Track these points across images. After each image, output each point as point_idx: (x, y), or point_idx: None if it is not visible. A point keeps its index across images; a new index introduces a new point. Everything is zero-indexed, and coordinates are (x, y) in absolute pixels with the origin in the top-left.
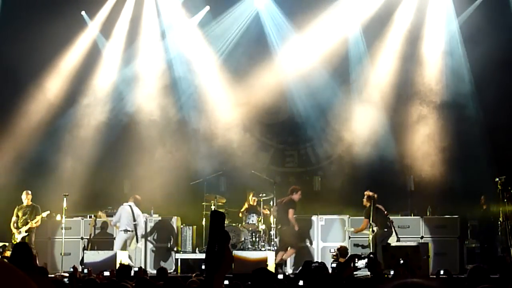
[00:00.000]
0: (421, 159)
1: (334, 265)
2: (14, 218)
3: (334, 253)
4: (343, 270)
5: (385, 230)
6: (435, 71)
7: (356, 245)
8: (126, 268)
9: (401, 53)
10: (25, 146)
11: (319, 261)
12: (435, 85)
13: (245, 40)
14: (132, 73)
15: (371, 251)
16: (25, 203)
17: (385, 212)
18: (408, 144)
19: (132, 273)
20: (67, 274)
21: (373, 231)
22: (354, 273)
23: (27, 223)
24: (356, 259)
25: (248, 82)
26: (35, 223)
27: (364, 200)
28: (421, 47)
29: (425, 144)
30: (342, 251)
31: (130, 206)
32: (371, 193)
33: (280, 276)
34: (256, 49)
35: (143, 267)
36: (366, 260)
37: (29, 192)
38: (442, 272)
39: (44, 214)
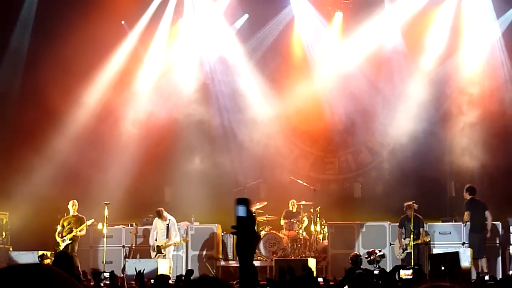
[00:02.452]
0: (462, 165)
1: (376, 272)
2: (59, 228)
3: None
4: (389, 280)
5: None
6: (474, 75)
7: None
8: (163, 278)
9: (440, 58)
10: (66, 155)
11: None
12: (476, 89)
13: (284, 47)
14: (172, 80)
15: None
16: (71, 213)
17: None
18: (449, 150)
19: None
20: (107, 275)
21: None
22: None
23: (71, 231)
24: (401, 270)
25: (288, 89)
26: (80, 231)
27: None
28: (460, 52)
29: (466, 150)
30: (352, 258)
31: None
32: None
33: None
34: (295, 55)
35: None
36: (411, 271)
37: (76, 202)
38: (487, 278)
39: (89, 222)
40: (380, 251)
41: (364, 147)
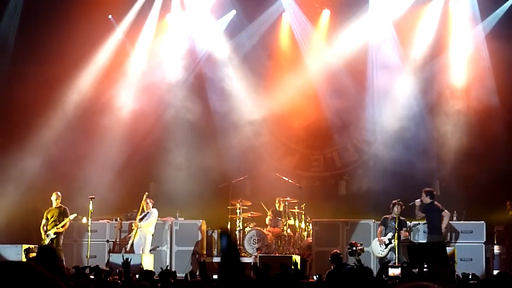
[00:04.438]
0: (447, 164)
1: (350, 266)
2: (43, 221)
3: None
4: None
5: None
6: (462, 73)
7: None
8: (148, 273)
9: (428, 56)
10: (51, 148)
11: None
12: (463, 88)
13: (272, 44)
14: (158, 76)
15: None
16: (54, 205)
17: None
18: (435, 149)
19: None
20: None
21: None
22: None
23: (56, 225)
24: (389, 269)
25: (275, 85)
26: (62, 227)
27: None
28: (446, 52)
29: (451, 150)
30: (333, 256)
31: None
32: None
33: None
34: (283, 52)
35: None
36: (399, 270)
37: (59, 193)
38: (470, 276)
39: (72, 217)
40: (361, 244)
41: (350, 145)
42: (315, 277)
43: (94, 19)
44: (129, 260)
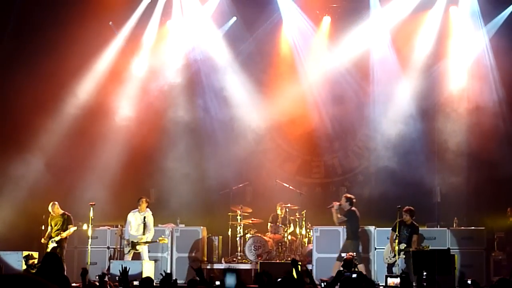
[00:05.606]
0: (448, 170)
1: (354, 275)
2: (48, 228)
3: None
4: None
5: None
6: (461, 80)
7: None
8: (148, 280)
9: (428, 62)
10: (51, 154)
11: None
12: (461, 95)
13: (272, 50)
14: (158, 83)
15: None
16: (56, 213)
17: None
18: (435, 155)
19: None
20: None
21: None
22: None
23: (59, 234)
24: (388, 278)
25: (276, 92)
26: (66, 234)
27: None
28: (446, 57)
29: (452, 156)
30: (348, 260)
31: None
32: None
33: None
34: (283, 59)
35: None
36: (398, 279)
37: (55, 203)
38: (469, 282)
39: (72, 230)
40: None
41: (351, 151)
42: (322, 284)
43: (95, 25)
44: (127, 269)
